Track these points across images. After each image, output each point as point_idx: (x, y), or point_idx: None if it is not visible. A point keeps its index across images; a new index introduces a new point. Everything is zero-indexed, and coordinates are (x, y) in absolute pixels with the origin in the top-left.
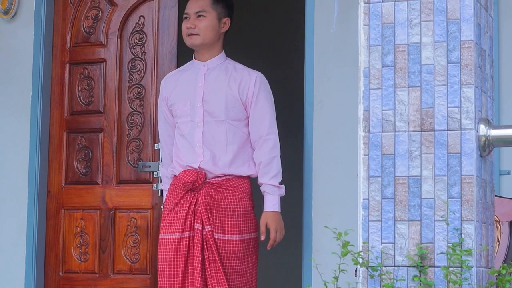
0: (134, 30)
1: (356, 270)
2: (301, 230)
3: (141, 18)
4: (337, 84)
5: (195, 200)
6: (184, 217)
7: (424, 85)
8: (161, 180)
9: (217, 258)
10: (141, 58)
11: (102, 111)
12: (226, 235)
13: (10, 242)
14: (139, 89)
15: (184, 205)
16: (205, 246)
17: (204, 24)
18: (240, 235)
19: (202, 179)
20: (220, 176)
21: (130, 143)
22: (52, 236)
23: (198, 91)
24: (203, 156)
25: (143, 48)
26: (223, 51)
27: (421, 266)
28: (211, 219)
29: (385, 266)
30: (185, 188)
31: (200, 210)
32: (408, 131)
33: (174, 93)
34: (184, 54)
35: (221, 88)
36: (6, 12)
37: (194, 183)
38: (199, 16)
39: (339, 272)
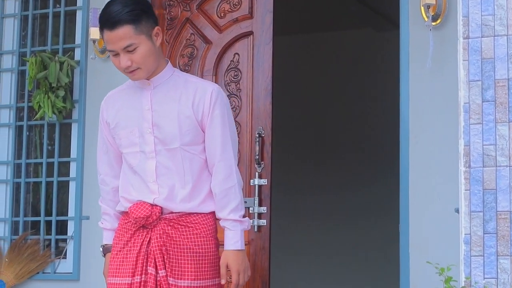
0: (229, 67)
1: None
2: (397, 265)
3: (236, 55)
4: (432, 119)
5: (147, 239)
6: (135, 259)
7: None
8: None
9: None
10: (236, 95)
11: None
12: (185, 281)
13: None
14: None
15: (135, 244)
16: None
17: (140, 55)
18: (201, 281)
19: (157, 214)
20: (179, 212)
21: None
22: None
23: (146, 115)
24: (159, 192)
25: (238, 85)
26: (169, 62)
27: None
28: (167, 261)
29: None
30: (137, 224)
31: (153, 251)
32: (509, 166)
33: (118, 119)
34: (280, 90)
35: (172, 109)
36: (103, 51)
37: (147, 218)
38: (129, 50)
39: None
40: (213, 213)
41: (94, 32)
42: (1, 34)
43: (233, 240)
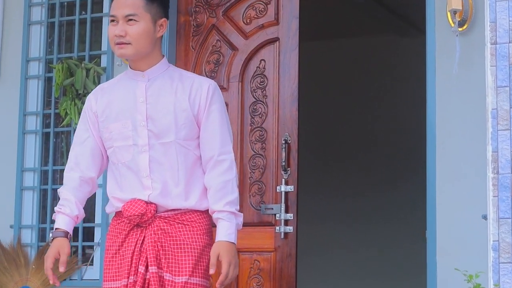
0: (255, 73)
1: None
2: (425, 271)
3: (262, 61)
4: (459, 125)
5: (142, 238)
6: (129, 259)
7: None
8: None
9: None
10: (263, 102)
11: None
12: (182, 277)
13: None
14: (261, 132)
15: (130, 244)
16: None
17: (136, 31)
18: (198, 279)
19: (152, 211)
20: (174, 210)
21: (253, 185)
22: None
23: (140, 107)
24: (152, 188)
25: (264, 92)
26: (165, 57)
27: None
28: (163, 257)
29: None
30: (131, 224)
31: (146, 248)
32: None
33: (108, 111)
34: (305, 96)
35: (168, 101)
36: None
37: (142, 216)
38: (130, 20)
39: None
40: (207, 213)
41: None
42: (27, 41)
43: (228, 231)
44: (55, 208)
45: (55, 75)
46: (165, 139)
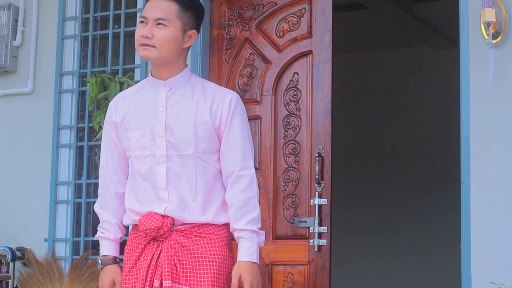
0: (288, 86)
1: None
2: (459, 283)
3: (295, 74)
4: (493, 137)
5: (158, 252)
6: (145, 273)
7: None
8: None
9: None
10: (296, 115)
11: (257, 167)
12: None
13: None
14: (294, 145)
15: (146, 258)
16: None
17: (164, 35)
18: None
19: (168, 225)
20: (191, 223)
21: (286, 199)
22: None
23: (160, 117)
24: (169, 201)
25: (297, 105)
26: (188, 67)
27: None
28: (180, 271)
29: None
30: (147, 237)
31: (162, 263)
32: None
33: (128, 119)
34: (338, 109)
35: (188, 113)
36: None
37: (158, 230)
38: (159, 24)
39: None
40: (227, 225)
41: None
42: (61, 55)
43: (249, 251)
44: (98, 233)
45: (88, 89)
46: (184, 151)
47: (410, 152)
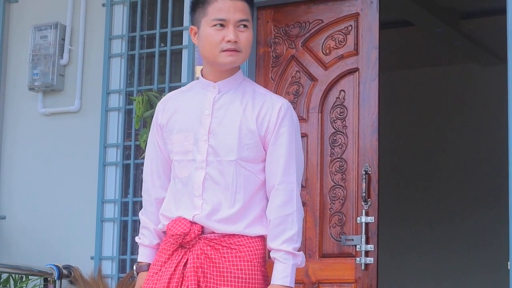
0: (334, 104)
1: None
2: None
3: (342, 92)
4: None
5: (184, 260)
6: (167, 281)
7: None
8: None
9: None
10: (342, 132)
11: (304, 185)
12: None
13: None
14: (341, 163)
15: (171, 265)
16: None
17: (248, 38)
18: None
19: (196, 232)
20: (221, 233)
21: (333, 216)
22: None
23: (204, 120)
24: (201, 209)
25: (344, 122)
26: (240, 69)
27: None
28: (204, 285)
29: None
30: (175, 243)
31: (188, 276)
32: None
33: (173, 121)
34: (385, 126)
35: (234, 118)
36: None
37: (185, 236)
38: (242, 26)
39: None
40: (262, 237)
41: (200, 71)
42: (108, 74)
43: (283, 274)
44: (136, 238)
45: (135, 107)
46: (225, 157)
47: (458, 170)
